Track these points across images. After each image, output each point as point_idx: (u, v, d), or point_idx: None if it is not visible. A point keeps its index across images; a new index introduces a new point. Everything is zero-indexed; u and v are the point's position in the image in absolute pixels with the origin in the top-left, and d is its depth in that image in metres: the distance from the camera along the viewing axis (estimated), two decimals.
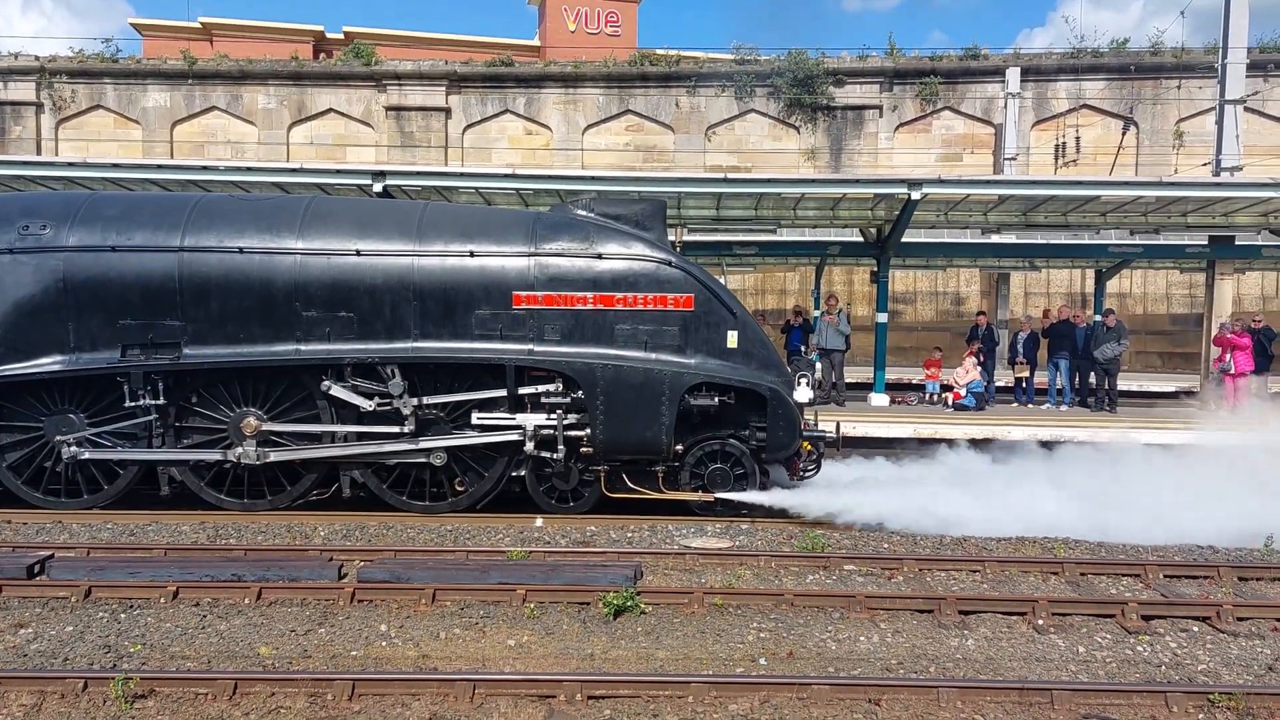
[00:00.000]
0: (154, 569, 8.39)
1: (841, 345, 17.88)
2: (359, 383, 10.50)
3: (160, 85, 29.44)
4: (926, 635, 7.45)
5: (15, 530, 9.96)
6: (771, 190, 15.99)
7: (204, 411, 10.68)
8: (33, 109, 29.08)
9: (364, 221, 10.67)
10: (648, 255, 10.53)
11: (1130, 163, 28.44)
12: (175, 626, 7.32)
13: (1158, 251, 19.96)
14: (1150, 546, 9.94)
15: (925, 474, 11.67)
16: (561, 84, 29.77)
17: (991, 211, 17.57)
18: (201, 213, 10.59)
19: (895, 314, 27.94)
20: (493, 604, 7.83)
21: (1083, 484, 11.09)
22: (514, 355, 10.39)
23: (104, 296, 10.28)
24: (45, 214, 10.58)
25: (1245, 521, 10.19)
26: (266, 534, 9.94)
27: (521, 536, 9.93)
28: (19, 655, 6.80)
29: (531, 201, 16.49)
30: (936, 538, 10.14)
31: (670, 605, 7.85)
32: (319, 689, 6.18)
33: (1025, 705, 6.19)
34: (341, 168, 17.91)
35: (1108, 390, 17.38)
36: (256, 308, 10.34)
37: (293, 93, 29.62)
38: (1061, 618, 7.81)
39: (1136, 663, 7.03)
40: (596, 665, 6.79)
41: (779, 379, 10.73)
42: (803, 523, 10.64)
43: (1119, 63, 28.78)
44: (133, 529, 10.04)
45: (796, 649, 7.11)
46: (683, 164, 28.73)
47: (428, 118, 29.46)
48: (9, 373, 10.33)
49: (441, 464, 10.62)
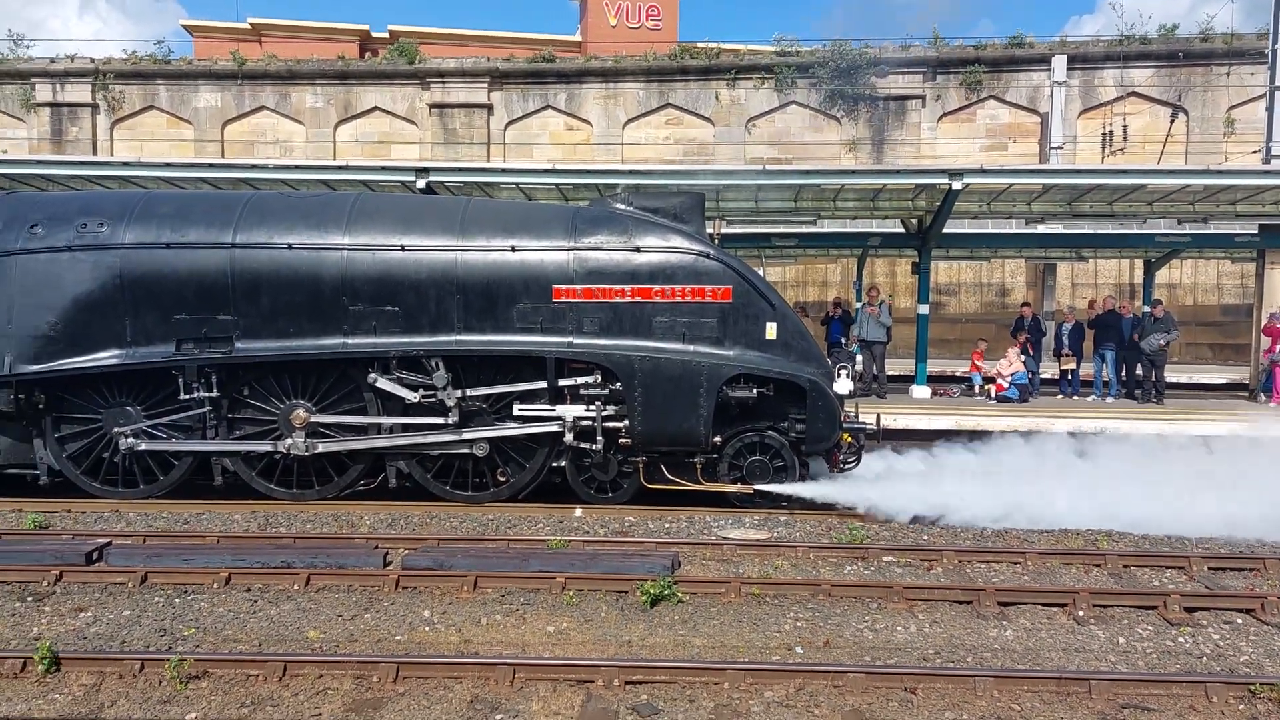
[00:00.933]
0: (207, 556, 8.64)
1: (883, 337, 17.82)
2: (404, 375, 10.69)
3: (211, 86, 30.02)
4: (964, 626, 7.46)
5: (74, 519, 10.29)
6: (810, 182, 15.98)
7: (255, 404, 10.94)
8: (89, 110, 29.79)
9: (408, 217, 10.86)
10: (685, 248, 10.60)
11: (1179, 151, 27.90)
12: (227, 611, 7.55)
13: (1206, 241, 19.61)
14: (1195, 539, 9.84)
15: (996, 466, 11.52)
16: (602, 79, 29.88)
17: (1035, 201, 17.40)
18: (252, 210, 10.85)
19: (938, 306, 27.72)
20: (533, 591, 7.97)
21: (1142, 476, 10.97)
22: (554, 347, 10.53)
23: (159, 292, 10.57)
24: (102, 212, 10.89)
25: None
26: (315, 522, 10.18)
27: (561, 526, 10.07)
28: (79, 638, 7.05)
29: (571, 196, 16.65)
30: (977, 530, 10.13)
31: (707, 594, 7.93)
32: (364, 671, 6.36)
33: (1063, 695, 6.19)
34: (386, 165, 18.22)
35: (1155, 382, 17.14)
36: (305, 302, 10.57)
37: (339, 92, 30.05)
38: (1102, 609, 7.77)
39: (1177, 654, 6.99)
40: (634, 652, 6.90)
41: (819, 371, 10.74)
42: (858, 516, 10.59)
43: (1168, 49, 28.24)
44: (186, 518, 10.33)
45: (833, 638, 7.16)
46: (723, 157, 28.70)
47: (470, 114, 29.73)
48: (69, 366, 10.66)
49: (484, 454, 10.79)
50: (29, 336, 10.57)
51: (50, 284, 10.59)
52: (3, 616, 7.43)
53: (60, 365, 10.63)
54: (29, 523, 9.87)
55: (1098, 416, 14.96)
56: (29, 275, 10.61)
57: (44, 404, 10.84)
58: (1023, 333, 18.35)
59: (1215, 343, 28.47)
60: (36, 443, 11.03)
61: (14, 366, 10.56)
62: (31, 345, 10.57)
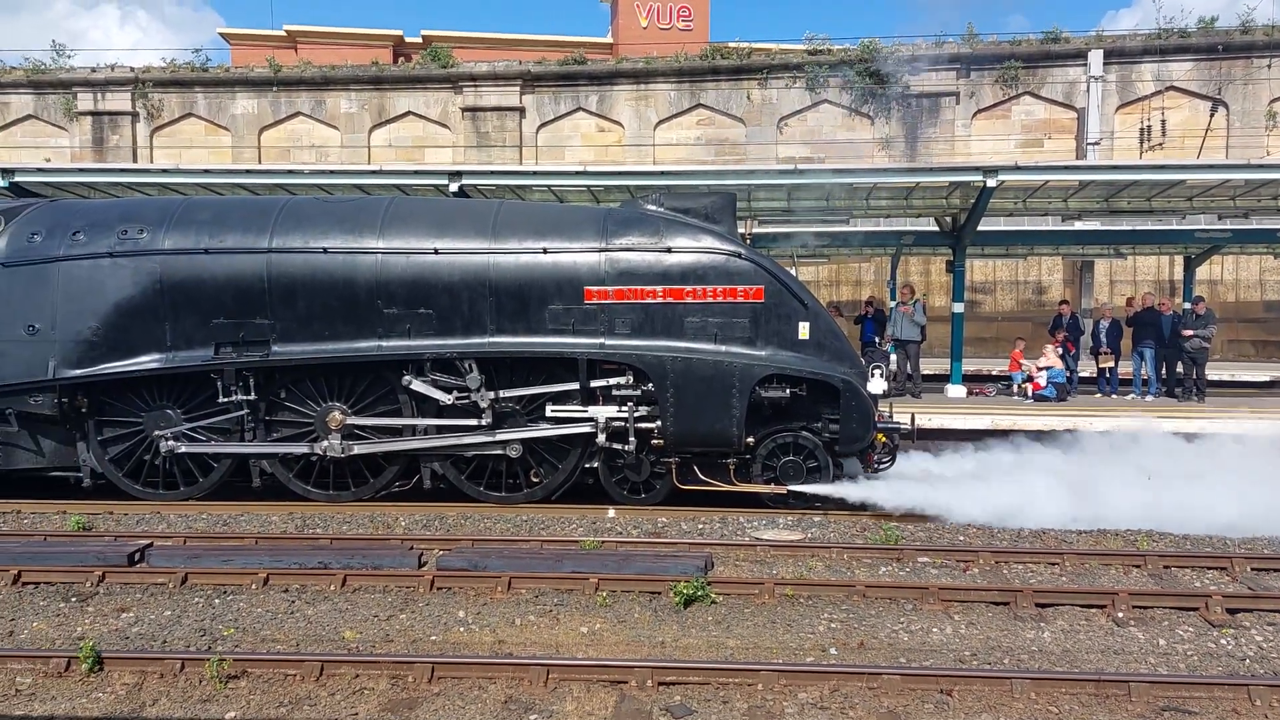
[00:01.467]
0: (246, 557, 8.76)
1: (917, 336, 17.69)
2: (438, 377, 10.77)
3: (248, 93, 30.37)
4: (1001, 627, 7.39)
5: (117, 521, 10.47)
6: (842, 180, 15.89)
7: (292, 406, 11.08)
8: (129, 118, 30.25)
9: (441, 221, 10.95)
10: (717, 248, 10.59)
11: (1220, 145, 27.41)
12: (266, 611, 7.65)
13: (1248, 236, 19.27)
14: (1238, 539, 9.67)
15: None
16: (633, 80, 29.88)
17: (1072, 198, 17.19)
18: (288, 215, 10.98)
19: (974, 304, 27.44)
20: (566, 592, 8.00)
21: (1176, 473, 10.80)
22: (586, 349, 10.56)
23: (198, 297, 10.73)
24: (142, 219, 11.07)
25: None
26: (351, 524, 10.29)
27: (594, 527, 10.10)
28: (121, 638, 7.18)
29: (602, 198, 16.68)
30: (1014, 530, 10.03)
31: (741, 595, 7.92)
32: (400, 671, 6.42)
33: (1101, 697, 6.12)
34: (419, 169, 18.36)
35: (1196, 380, 16.87)
36: (340, 306, 10.68)
37: (373, 97, 30.29)
38: (1142, 611, 7.67)
39: (1219, 656, 6.89)
40: (667, 653, 6.91)
41: (852, 370, 10.68)
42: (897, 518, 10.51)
43: (1207, 42, 27.74)
44: (226, 519, 10.48)
45: (868, 639, 7.13)
46: (754, 156, 28.61)
47: (502, 117, 29.86)
48: (111, 371, 10.85)
49: (517, 455, 10.85)
50: (72, 341, 10.78)
51: (92, 290, 10.79)
52: (48, 617, 7.59)
53: (102, 369, 10.82)
54: (73, 524, 10.06)
55: (1137, 415, 14.73)
56: (71, 281, 10.82)
57: (87, 408, 11.05)
58: (1060, 331, 18.13)
59: (1258, 339, 27.94)
60: (80, 446, 11.24)
61: (57, 371, 10.76)
62: (74, 350, 10.78)
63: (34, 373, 10.79)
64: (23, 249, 11.03)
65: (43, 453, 11.29)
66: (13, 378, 10.86)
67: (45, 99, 30.39)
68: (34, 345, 10.82)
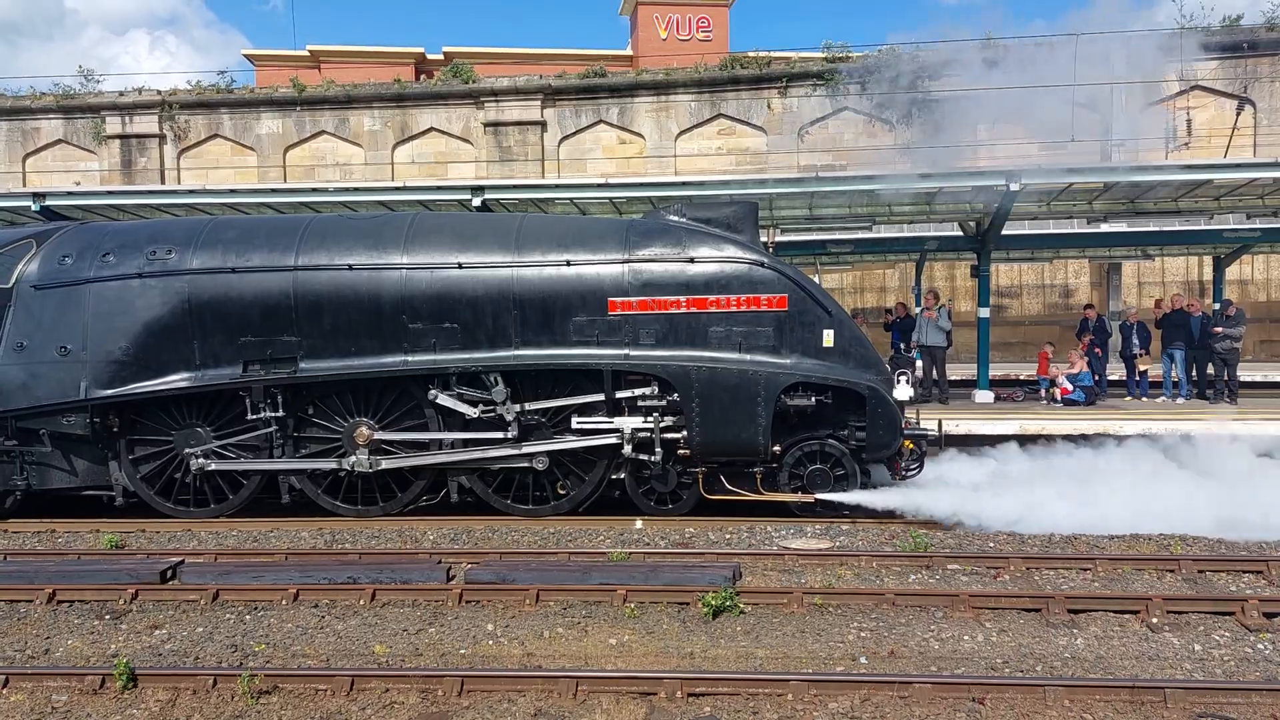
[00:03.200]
0: (276, 573, 8.83)
1: (943, 342, 17.55)
2: (464, 391, 10.82)
3: (272, 113, 30.73)
4: (1033, 634, 7.31)
5: (149, 538, 10.59)
6: (864, 187, 15.83)
7: (319, 422, 11.16)
8: (156, 140, 30.68)
9: (465, 235, 11.02)
10: (740, 257, 10.60)
11: (1247, 144, 27.10)
12: (296, 626, 7.70)
13: (1278, 235, 19.02)
14: (1274, 542, 9.53)
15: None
16: (653, 91, 29.98)
17: (1097, 200, 17.03)
18: (313, 233, 11.09)
19: (1000, 308, 27.26)
20: (594, 604, 7.99)
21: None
22: (610, 360, 10.58)
23: (226, 315, 10.85)
24: (170, 239, 11.22)
25: None
26: (379, 538, 10.34)
27: (621, 538, 10.09)
28: (154, 654, 7.25)
29: (624, 210, 16.72)
30: (1045, 536, 9.93)
31: (769, 605, 7.89)
32: (430, 685, 6.43)
33: (1137, 704, 6.04)
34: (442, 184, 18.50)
35: (1228, 381, 16.65)
36: (366, 321, 10.77)
37: (396, 114, 30.56)
38: (1176, 616, 7.57)
39: (1257, 661, 6.78)
40: (696, 664, 6.89)
41: (877, 377, 10.64)
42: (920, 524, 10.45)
43: (1232, 40, 27.49)
44: (256, 536, 10.56)
45: (898, 648, 7.07)
46: (776, 165, 28.59)
47: (524, 131, 30.03)
48: (141, 390, 10.98)
49: (544, 468, 10.87)
50: (102, 362, 10.93)
51: (122, 310, 10.94)
52: (82, 634, 7.67)
53: (133, 389, 10.96)
54: (106, 543, 10.18)
55: (1169, 418, 14.55)
56: (102, 302, 10.98)
57: (118, 427, 11.19)
58: (1087, 334, 17.97)
59: None
60: (111, 465, 11.38)
61: (89, 391, 10.91)
62: (105, 370, 10.92)
63: (66, 393, 10.95)
64: (54, 271, 11.21)
65: (76, 472, 11.43)
66: (46, 398, 11.02)
67: (74, 123, 30.89)
68: (66, 366, 10.97)
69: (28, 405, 11.06)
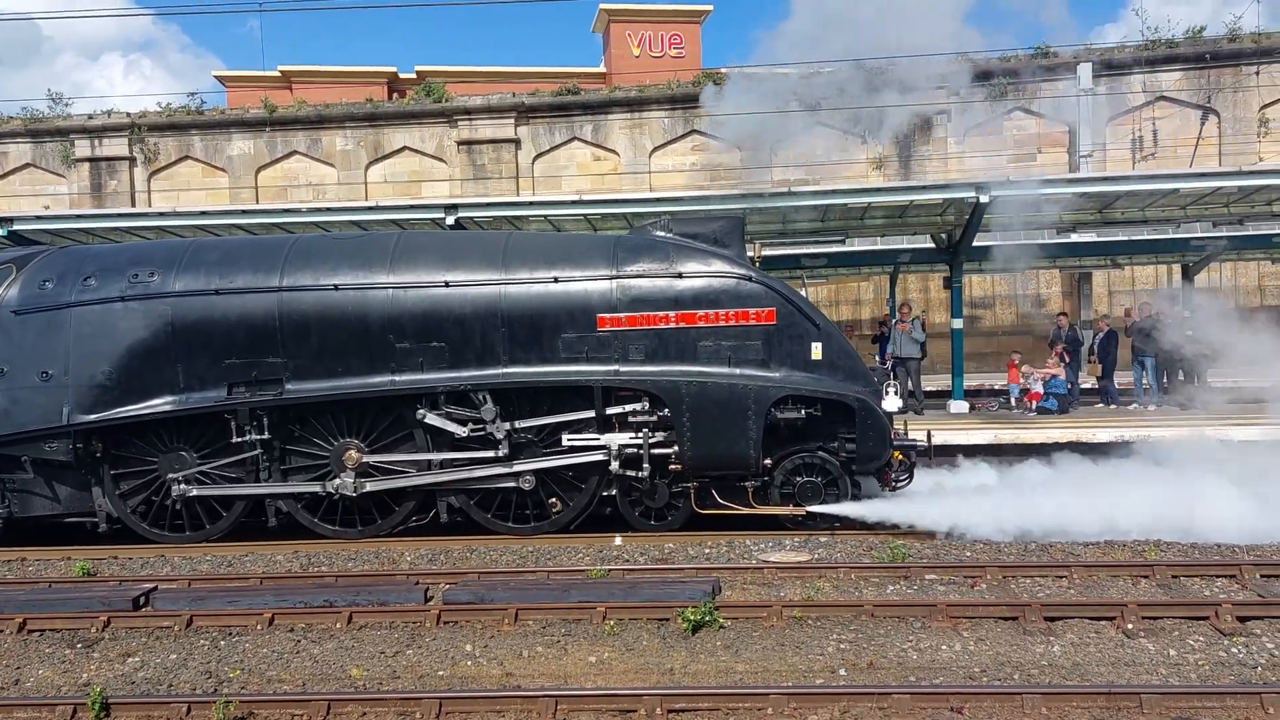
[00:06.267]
0: (251, 597, 8.74)
1: (917, 353, 17.70)
2: (453, 410, 10.76)
3: (244, 134, 30.58)
4: (1010, 642, 7.35)
5: (121, 565, 10.45)
6: (836, 201, 15.96)
7: (306, 443, 11.04)
8: (126, 163, 30.44)
9: (451, 253, 10.99)
10: (728, 271, 10.64)
11: (1213, 153, 27.53)
12: (272, 651, 7.62)
13: (1244, 243, 19.34)
14: (1245, 546, 9.63)
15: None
16: (627, 108, 30.08)
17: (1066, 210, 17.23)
18: (298, 253, 11.03)
19: (974, 319, 27.47)
20: (574, 622, 7.96)
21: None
22: (600, 376, 10.57)
23: (210, 338, 10.74)
24: (152, 262, 11.13)
25: None
26: (356, 560, 10.26)
27: (601, 555, 10.06)
28: (127, 682, 7.15)
29: (600, 226, 16.76)
30: (1021, 544, 9.99)
31: (749, 619, 7.88)
32: (408, 708, 6.39)
33: (1113, 710, 6.09)
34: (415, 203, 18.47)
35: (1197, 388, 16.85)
36: (352, 341, 10.69)
37: (368, 133, 30.50)
38: (1151, 621, 7.62)
39: (1231, 665, 6.84)
40: (676, 679, 6.88)
41: (866, 389, 10.68)
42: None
43: (1195, 52, 27.96)
44: (230, 560, 10.45)
45: (877, 659, 7.09)
46: (750, 180, 28.74)
47: (498, 149, 30.04)
48: (125, 414, 10.84)
49: (530, 488, 10.81)
50: (85, 386, 10.79)
51: (104, 334, 10.81)
52: (54, 663, 7.56)
53: (116, 414, 10.83)
54: (78, 570, 10.05)
55: (1140, 425, 14.72)
56: (84, 326, 10.86)
57: (101, 452, 11.03)
58: (1059, 343, 18.16)
59: None
60: (95, 491, 11.20)
61: (72, 416, 10.77)
62: (88, 395, 10.79)
63: (49, 419, 10.80)
64: (34, 296, 11.09)
65: (58, 499, 11.25)
66: (28, 424, 10.87)
67: (43, 147, 30.61)
68: (48, 391, 10.83)
69: (9, 431, 10.89)
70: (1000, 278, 28.24)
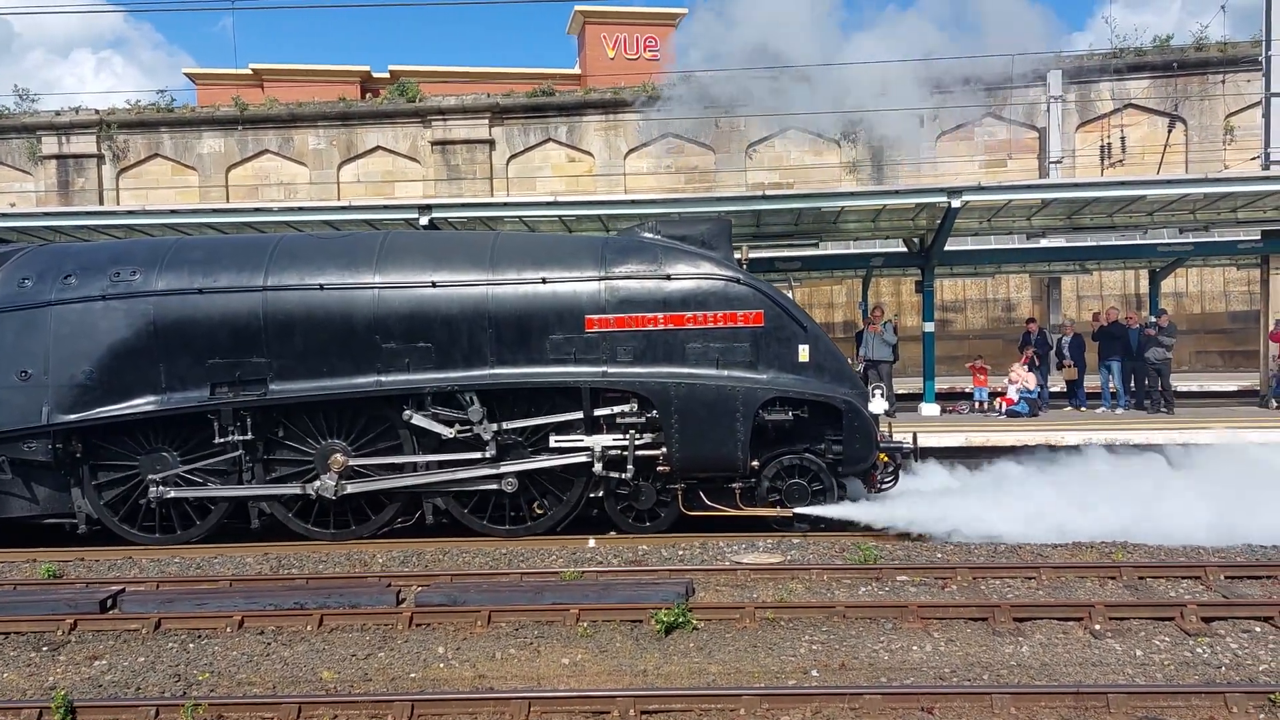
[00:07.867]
0: (220, 600, 8.66)
1: (889, 356, 17.79)
2: (440, 410, 10.71)
3: (214, 132, 30.31)
4: (980, 643, 7.42)
5: (88, 567, 10.32)
6: (810, 205, 16.03)
7: (290, 444, 10.96)
8: (94, 160, 30.07)
9: (438, 253, 10.94)
10: (716, 274, 10.66)
11: (1180, 160, 27.93)
12: (241, 654, 7.56)
13: (1209, 249, 19.61)
14: (1211, 548, 9.77)
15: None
16: (602, 110, 30.09)
17: (1036, 216, 17.43)
18: (283, 253, 10.94)
19: (945, 323, 27.69)
20: (547, 624, 7.95)
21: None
22: (588, 377, 10.57)
23: (192, 337, 10.64)
24: (134, 261, 11.01)
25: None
26: (328, 563, 10.19)
27: (574, 558, 10.05)
28: (94, 686, 7.07)
29: (575, 227, 16.73)
30: (991, 546, 10.08)
31: (722, 620, 7.91)
32: (379, 711, 6.36)
33: (1081, 710, 6.16)
34: (388, 203, 18.34)
35: (1162, 391, 17.09)
36: (338, 342, 10.62)
37: (341, 133, 30.31)
38: (1119, 622, 7.73)
39: (1195, 665, 6.95)
40: (649, 681, 6.88)
41: (853, 391, 10.74)
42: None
43: (1163, 60, 28.35)
44: (199, 562, 10.34)
45: (849, 660, 7.13)
46: (724, 183, 28.84)
47: (472, 150, 29.94)
48: (105, 414, 10.72)
49: (512, 490, 10.77)
50: (65, 386, 10.68)
51: (85, 333, 10.70)
52: (19, 667, 7.46)
53: (96, 413, 10.71)
54: (43, 572, 9.91)
55: (1109, 428, 14.90)
56: (64, 325, 10.74)
57: (81, 453, 10.90)
58: (1029, 348, 18.35)
59: (1225, 349, 28.34)
60: (74, 491, 11.07)
61: (51, 416, 10.65)
62: (68, 395, 10.67)
63: (28, 419, 10.67)
64: (13, 294, 10.94)
65: (37, 500, 11.11)
66: (6, 424, 10.74)
67: (9, 143, 30.19)
68: (27, 391, 10.71)
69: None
70: (971, 282, 28.52)
